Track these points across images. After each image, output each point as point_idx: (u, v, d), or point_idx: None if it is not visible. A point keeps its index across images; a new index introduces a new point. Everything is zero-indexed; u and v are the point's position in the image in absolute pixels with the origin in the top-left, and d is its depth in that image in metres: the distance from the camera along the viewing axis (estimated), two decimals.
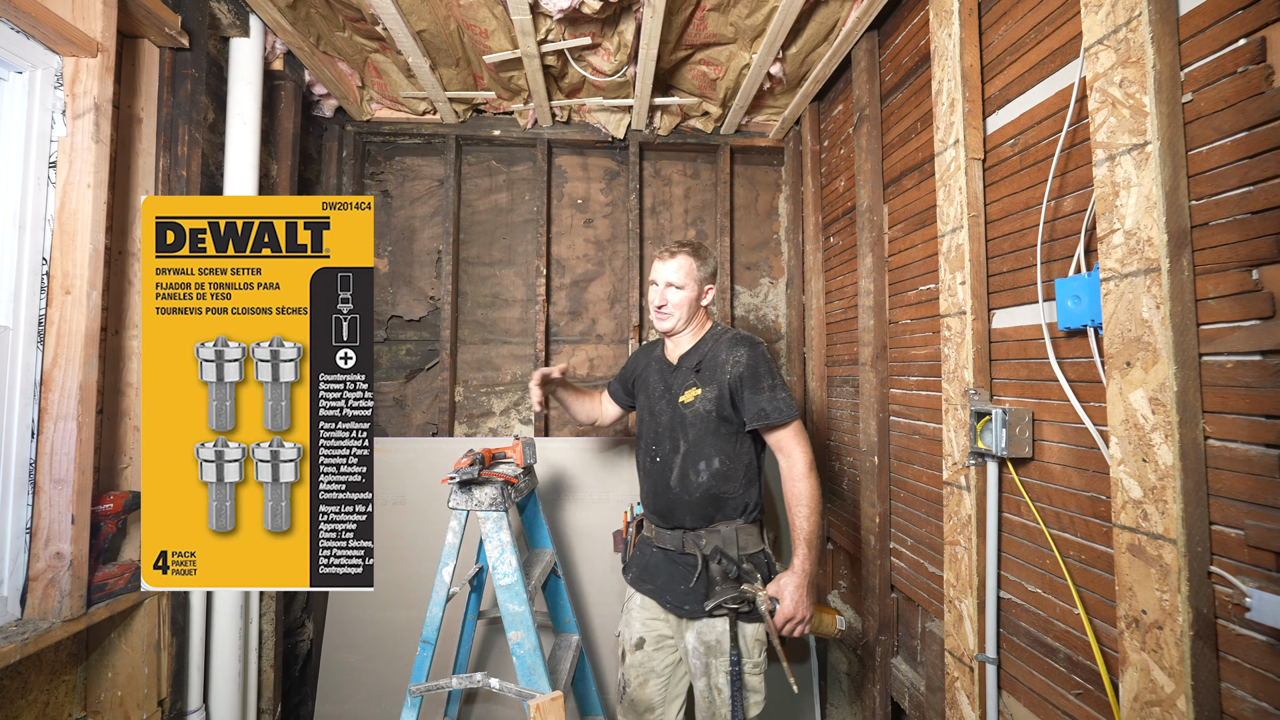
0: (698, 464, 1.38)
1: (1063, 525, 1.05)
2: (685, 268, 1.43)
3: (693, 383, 1.41)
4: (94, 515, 1.17)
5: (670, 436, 1.43)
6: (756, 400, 1.33)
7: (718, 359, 1.40)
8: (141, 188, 1.29)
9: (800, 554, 1.29)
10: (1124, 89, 0.87)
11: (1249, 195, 0.76)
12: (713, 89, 2.06)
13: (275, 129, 1.85)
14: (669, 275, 1.44)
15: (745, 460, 1.40)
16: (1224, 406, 0.79)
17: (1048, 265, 1.07)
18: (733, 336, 1.44)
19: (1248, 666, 0.76)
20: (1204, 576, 0.80)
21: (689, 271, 1.43)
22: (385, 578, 2.03)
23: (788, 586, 1.28)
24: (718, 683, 1.35)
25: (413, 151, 2.35)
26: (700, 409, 1.38)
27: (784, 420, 1.32)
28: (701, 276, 1.45)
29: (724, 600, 1.30)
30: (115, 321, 1.29)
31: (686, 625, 1.39)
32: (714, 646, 1.35)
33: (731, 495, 1.39)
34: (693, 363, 1.44)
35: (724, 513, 1.39)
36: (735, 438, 1.39)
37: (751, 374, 1.35)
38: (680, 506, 1.40)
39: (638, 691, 1.46)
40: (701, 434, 1.38)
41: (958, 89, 1.25)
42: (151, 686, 1.29)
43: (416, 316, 2.32)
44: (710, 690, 1.36)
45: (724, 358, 1.39)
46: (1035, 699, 1.09)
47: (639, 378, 1.60)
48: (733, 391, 1.36)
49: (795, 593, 1.27)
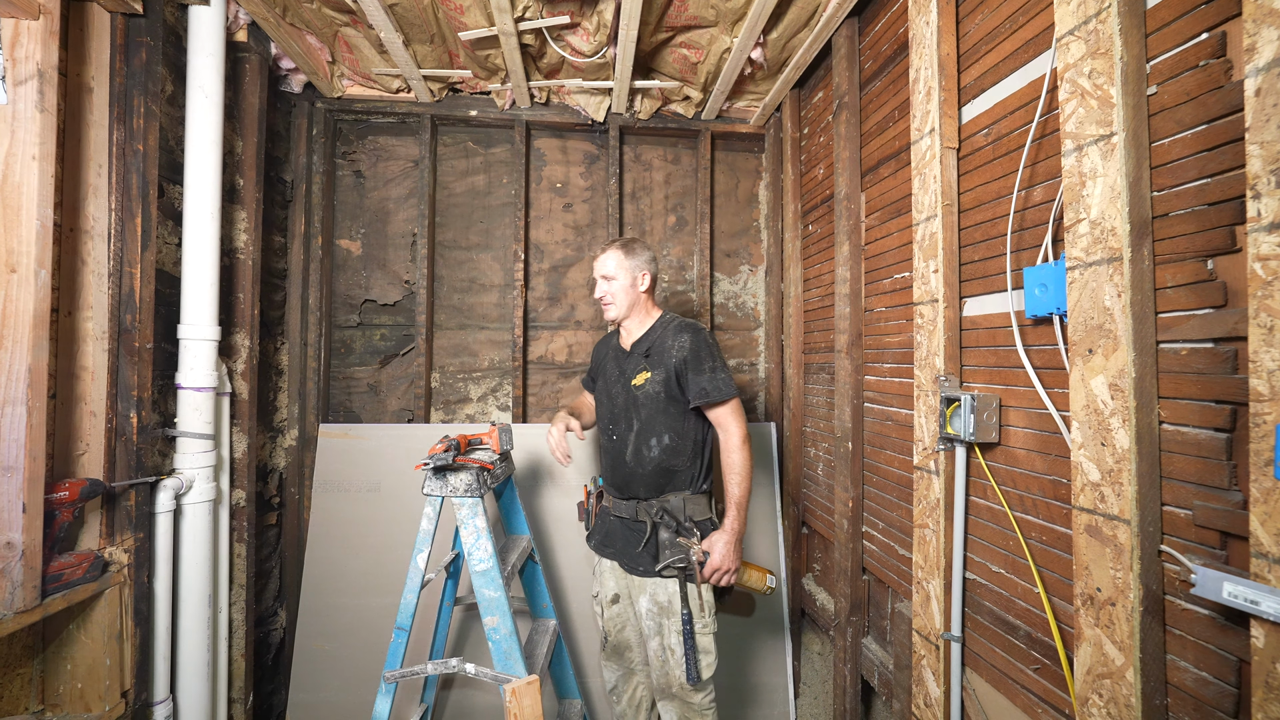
0: (649, 440, 1.52)
1: (1025, 508, 1.08)
2: (615, 259, 1.58)
3: (643, 367, 1.55)
4: (48, 504, 1.13)
5: (625, 416, 1.57)
6: (699, 380, 1.48)
7: (665, 344, 1.54)
8: (94, 161, 1.22)
9: (731, 514, 1.46)
10: (1092, 80, 0.89)
11: (1206, 187, 0.78)
12: (694, 73, 2.03)
13: (240, 104, 1.78)
14: (602, 269, 1.60)
15: (693, 436, 1.54)
16: (1178, 392, 0.82)
17: (1017, 254, 1.09)
18: (678, 324, 1.57)
19: (1191, 639, 0.80)
20: (1155, 555, 0.83)
21: (618, 263, 1.58)
22: (360, 565, 2.01)
23: (718, 541, 1.44)
24: (670, 642, 1.47)
25: (386, 131, 2.28)
26: (650, 390, 1.52)
27: (723, 398, 1.47)
28: (632, 265, 1.58)
29: (673, 560, 1.45)
30: (68, 302, 1.23)
31: (639, 588, 1.53)
32: (666, 607, 1.48)
33: (680, 468, 1.53)
34: (643, 349, 1.58)
35: (674, 484, 1.53)
36: (683, 416, 1.53)
37: (694, 357, 1.49)
38: (635, 479, 1.54)
39: (618, 636, 1.63)
40: (652, 413, 1.52)
41: (934, 77, 1.25)
42: (114, 678, 1.26)
43: (391, 301, 2.27)
44: (664, 650, 1.48)
45: (670, 343, 1.53)
46: (997, 674, 1.13)
47: (600, 366, 1.74)
48: (678, 373, 1.50)
49: (724, 547, 1.44)
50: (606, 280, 1.60)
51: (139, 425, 1.33)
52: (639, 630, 1.60)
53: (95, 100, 1.22)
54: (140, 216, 1.31)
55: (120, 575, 1.28)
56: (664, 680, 1.50)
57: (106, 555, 1.28)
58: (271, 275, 2.04)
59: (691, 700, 1.49)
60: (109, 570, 1.27)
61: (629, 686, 1.67)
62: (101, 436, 1.26)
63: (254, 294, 1.79)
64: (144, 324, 1.34)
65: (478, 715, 1.95)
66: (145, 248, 1.34)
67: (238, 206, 1.77)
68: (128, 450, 1.31)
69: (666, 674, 1.48)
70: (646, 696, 1.65)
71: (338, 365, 2.24)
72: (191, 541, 1.53)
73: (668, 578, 1.47)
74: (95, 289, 1.25)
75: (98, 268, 1.25)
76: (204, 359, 1.53)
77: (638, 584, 1.54)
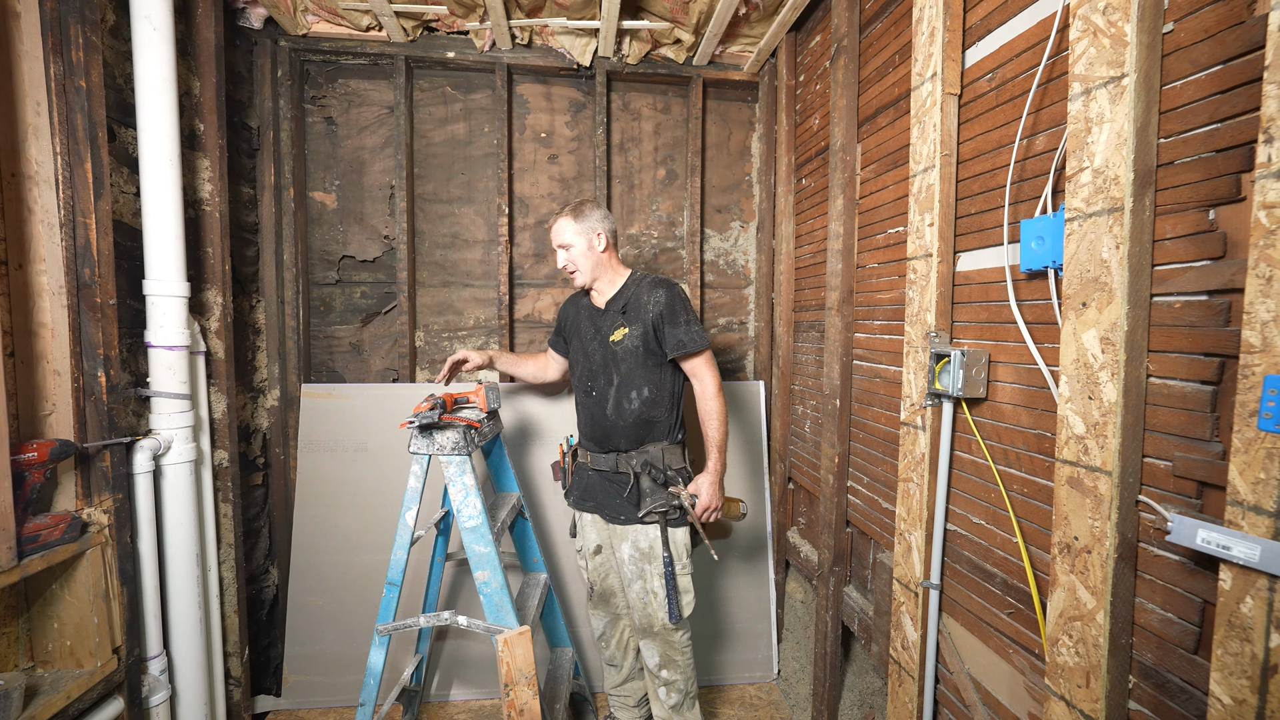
0: (630, 393, 1.58)
1: (1009, 461, 1.09)
2: (566, 228, 1.60)
3: (620, 323, 1.60)
4: (16, 464, 1.09)
5: (604, 372, 1.62)
6: (675, 333, 1.55)
7: (640, 300, 1.59)
8: (30, 98, 1.12)
9: (713, 457, 1.55)
10: (1107, 16, 0.84)
11: (1216, 133, 0.76)
12: (685, 13, 1.92)
13: (194, 39, 1.64)
14: (558, 239, 1.62)
15: (669, 388, 1.61)
16: (1168, 345, 0.81)
17: (1015, 206, 1.07)
18: (652, 280, 1.62)
19: (1160, 583, 0.83)
20: (1132, 505, 0.85)
21: (572, 229, 1.59)
22: (350, 523, 2.01)
23: (704, 483, 1.54)
24: (653, 586, 1.56)
25: (358, 74, 2.14)
26: (629, 345, 1.58)
27: (698, 349, 1.55)
28: (585, 228, 1.60)
29: (655, 506, 1.53)
30: (17, 255, 1.16)
31: (621, 537, 1.60)
32: (648, 552, 1.56)
33: (659, 419, 1.60)
34: (619, 305, 1.62)
35: (652, 435, 1.60)
36: (660, 368, 1.59)
37: (670, 310, 1.55)
38: (616, 432, 1.60)
39: (603, 585, 1.73)
40: (632, 367, 1.58)
41: (939, 16, 1.18)
42: (104, 635, 1.26)
43: (370, 257, 2.19)
44: (646, 593, 1.57)
45: (645, 299, 1.58)
46: (972, 619, 1.18)
47: (570, 325, 1.76)
48: (655, 327, 1.56)
49: (710, 488, 1.54)
50: (564, 249, 1.62)
51: (108, 385, 1.28)
52: (621, 576, 1.68)
53: (24, 27, 1.11)
54: (90, 161, 1.22)
55: (101, 536, 1.27)
56: (646, 621, 1.58)
57: (85, 516, 1.26)
58: (242, 229, 1.95)
59: (672, 638, 1.58)
60: (89, 531, 1.25)
61: (616, 631, 1.75)
62: (69, 396, 1.21)
63: (224, 248, 1.71)
64: (105, 278, 1.27)
65: (472, 664, 2.01)
66: (99, 196, 1.25)
67: (199, 154, 1.66)
68: (98, 410, 1.27)
69: (649, 615, 1.57)
70: (633, 639, 1.73)
71: (318, 324, 2.18)
72: (174, 501, 1.51)
73: (649, 524, 1.56)
74: (47, 240, 1.17)
75: (47, 217, 1.16)
76: (174, 316, 1.47)
77: (620, 532, 1.60)
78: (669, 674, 1.61)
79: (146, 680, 1.43)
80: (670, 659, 1.60)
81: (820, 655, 1.80)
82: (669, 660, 1.60)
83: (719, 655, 2.11)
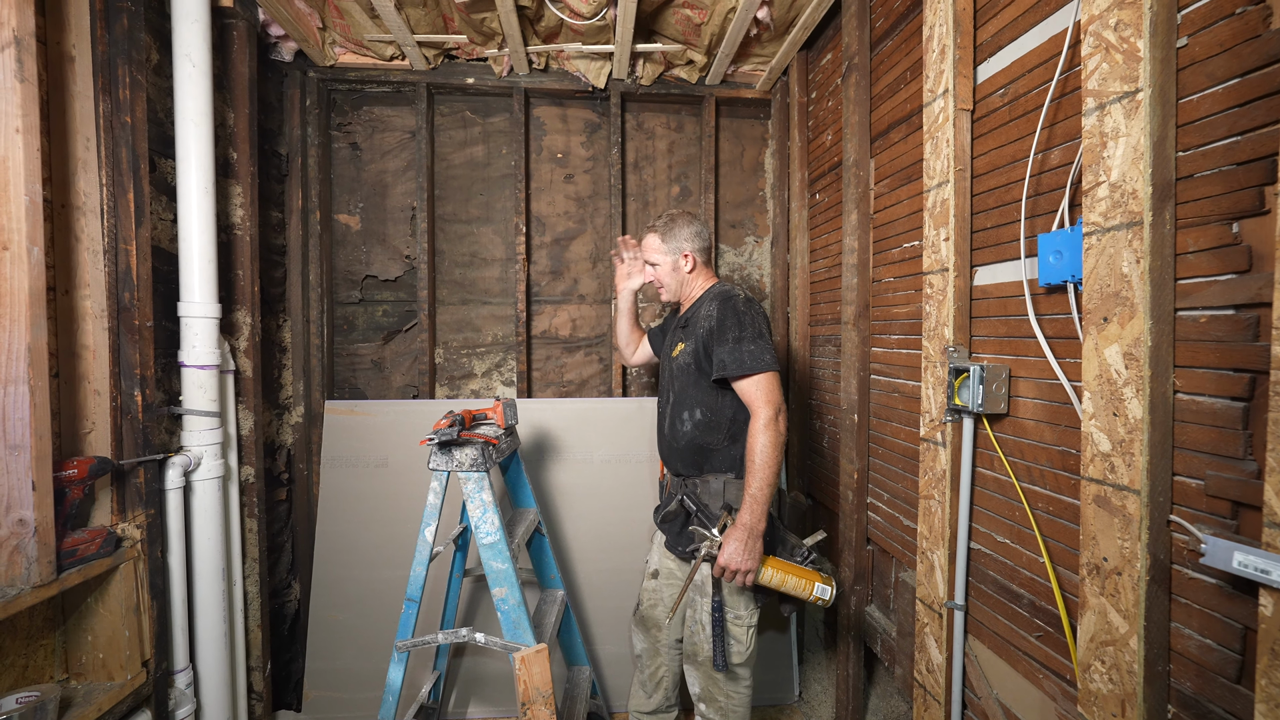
0: (682, 414, 1.48)
1: (1033, 479, 1.07)
2: (653, 245, 1.57)
3: (680, 338, 1.53)
4: (58, 481, 1.14)
5: (667, 388, 1.56)
6: (720, 352, 1.38)
7: (699, 314, 1.49)
8: (81, 134, 1.19)
9: (744, 507, 1.28)
10: (1119, 32, 0.84)
11: (1236, 146, 0.75)
12: (697, 35, 1.96)
13: (229, 73, 1.73)
14: (646, 254, 1.59)
15: (729, 414, 1.43)
16: (1194, 361, 0.79)
17: (1031, 220, 1.06)
18: (715, 292, 1.50)
19: (1196, 607, 0.80)
20: (1163, 525, 0.82)
21: (656, 248, 1.57)
22: (370, 539, 2.04)
23: (729, 538, 1.27)
24: (701, 618, 1.44)
25: (381, 101, 2.22)
26: (683, 362, 1.48)
27: (743, 371, 1.32)
28: (670, 247, 1.56)
29: (696, 546, 1.33)
30: (64, 280, 1.22)
31: (685, 565, 1.52)
32: (700, 586, 1.45)
33: (716, 447, 1.45)
34: (684, 320, 1.56)
35: (711, 464, 1.45)
36: (715, 390, 1.44)
37: (719, 326, 1.39)
38: (673, 454, 1.52)
39: (648, 611, 1.64)
40: (685, 385, 1.48)
41: (949, 34, 1.19)
42: (134, 648, 1.29)
43: (392, 276, 2.24)
44: (695, 623, 1.47)
45: (703, 312, 1.47)
46: (999, 641, 1.14)
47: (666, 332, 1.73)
48: (705, 344, 1.43)
49: (733, 544, 1.26)
50: (650, 267, 1.59)
51: (144, 403, 1.33)
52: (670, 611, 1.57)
53: (77, 70, 1.18)
54: (132, 191, 1.29)
55: (134, 550, 1.31)
56: (692, 648, 1.47)
57: (119, 531, 1.30)
58: (270, 251, 2.02)
59: (716, 676, 1.45)
60: (122, 545, 1.29)
61: (653, 664, 1.64)
62: (107, 414, 1.26)
63: (253, 270, 1.77)
64: (143, 301, 1.33)
65: (489, 681, 2.00)
66: (140, 223, 1.31)
67: (232, 181, 1.74)
68: (134, 428, 1.32)
69: (695, 644, 1.46)
70: (668, 677, 1.63)
71: (341, 342, 2.24)
72: (203, 517, 1.55)
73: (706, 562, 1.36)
74: (91, 266, 1.23)
75: (92, 245, 1.23)
76: (206, 336, 1.53)
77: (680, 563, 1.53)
78: (706, 709, 1.46)
79: (173, 693, 1.46)
80: (711, 696, 1.46)
81: (843, 678, 1.76)
82: (710, 697, 1.46)
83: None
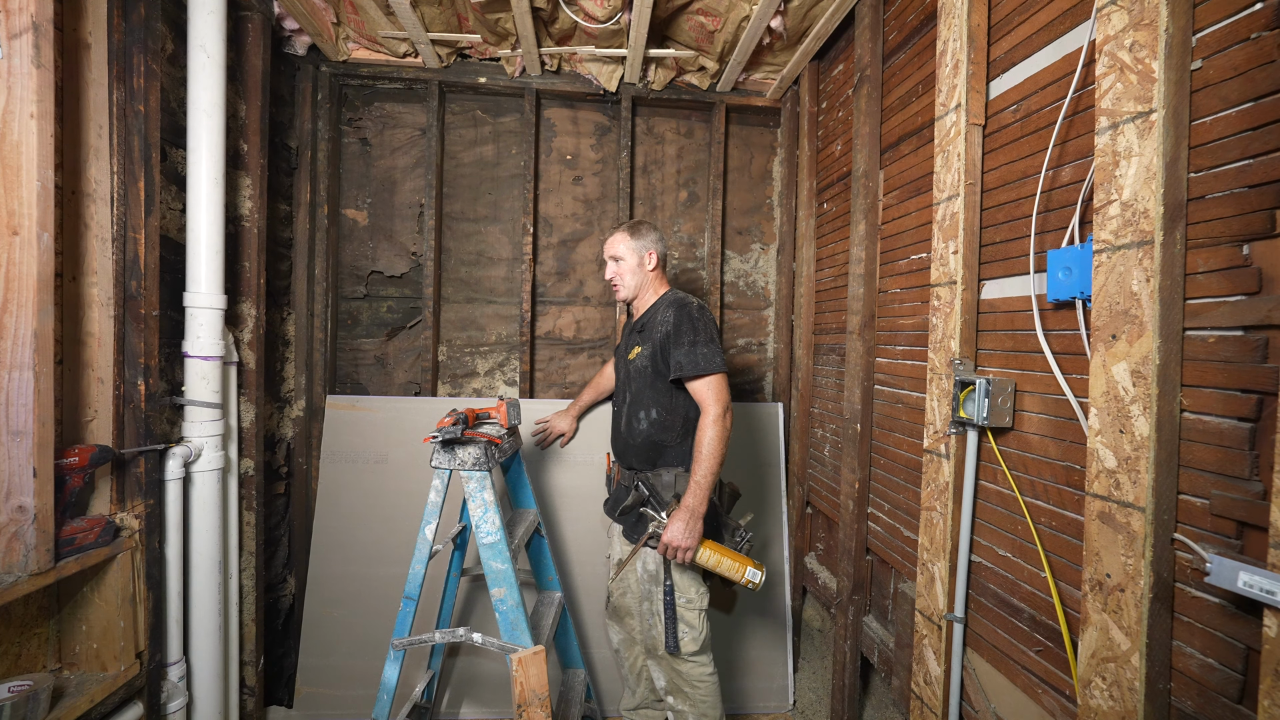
0: (638, 413, 1.57)
1: (1036, 493, 1.07)
2: (621, 241, 1.64)
3: (637, 341, 1.61)
4: (58, 469, 1.13)
5: (623, 389, 1.64)
6: (676, 354, 1.49)
7: (655, 319, 1.58)
8: (94, 122, 1.19)
9: (688, 491, 1.43)
10: (1134, 53, 0.85)
11: (1248, 169, 0.75)
12: (710, 42, 1.97)
13: (243, 65, 1.73)
14: (610, 250, 1.65)
15: (682, 413, 1.55)
16: (1202, 380, 0.80)
17: (1041, 236, 1.06)
18: (670, 299, 1.59)
19: (1199, 626, 0.80)
20: (1168, 543, 0.83)
21: (626, 244, 1.63)
22: (368, 535, 2.03)
23: (674, 518, 1.42)
24: (656, 608, 1.53)
25: (393, 97, 2.22)
26: (639, 364, 1.58)
27: (697, 372, 1.46)
28: (638, 245, 1.63)
29: (650, 531, 1.45)
30: (72, 267, 1.22)
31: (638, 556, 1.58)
32: (654, 574, 1.54)
33: (670, 444, 1.55)
34: (640, 324, 1.64)
35: (665, 459, 1.56)
36: (670, 391, 1.55)
37: (676, 330, 1.50)
38: (629, 450, 1.60)
39: (619, 600, 1.74)
40: (641, 386, 1.57)
41: (963, 50, 1.20)
42: (128, 639, 1.28)
43: (398, 273, 2.24)
44: (652, 615, 1.55)
45: (659, 318, 1.56)
46: (998, 655, 1.15)
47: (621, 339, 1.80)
48: (662, 348, 1.53)
49: (678, 524, 1.40)
50: (615, 261, 1.65)
51: (147, 393, 1.33)
52: (638, 598, 1.66)
53: (93, 58, 1.18)
54: (143, 180, 1.29)
55: (132, 540, 1.30)
56: (651, 642, 1.57)
57: (118, 521, 1.30)
58: (277, 244, 2.02)
59: (679, 667, 1.54)
60: (120, 535, 1.28)
61: (630, 654, 1.73)
62: (109, 403, 1.26)
63: (260, 263, 1.77)
64: (149, 290, 1.33)
65: (482, 681, 1.99)
66: (149, 212, 1.31)
67: (242, 173, 1.74)
68: (136, 417, 1.31)
69: (653, 637, 1.55)
70: (646, 665, 1.70)
71: (344, 337, 2.23)
72: (201, 508, 1.54)
73: (651, 547, 1.50)
74: (99, 254, 1.23)
75: (101, 232, 1.23)
76: (210, 327, 1.52)
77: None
78: (675, 702, 1.56)
79: (166, 686, 1.45)
80: (677, 687, 1.55)
81: (838, 687, 1.75)
82: (676, 688, 1.56)
83: (732, 682, 2.06)
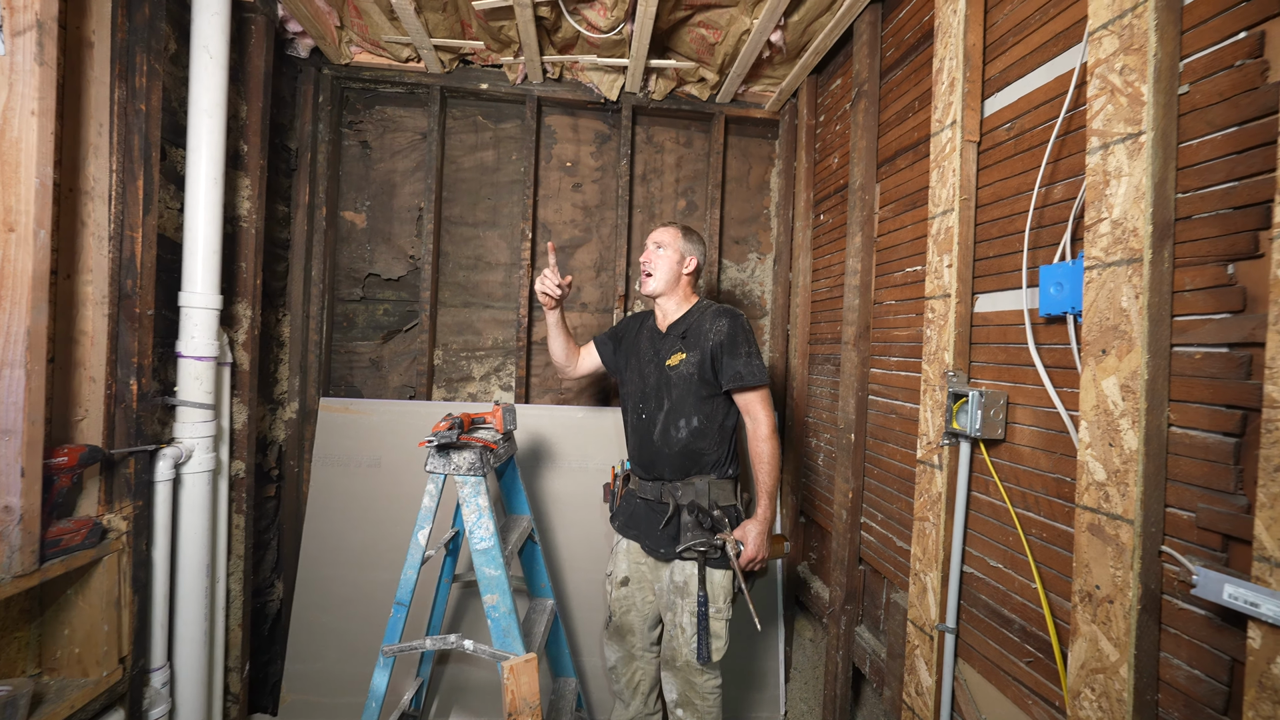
0: (678, 421, 1.54)
1: (1028, 505, 1.09)
2: (670, 233, 1.64)
3: (679, 348, 1.57)
4: (47, 469, 1.11)
5: (656, 396, 1.58)
6: (734, 364, 1.50)
7: (702, 328, 1.55)
8: (95, 120, 1.19)
9: (762, 504, 1.50)
10: (1124, 77, 0.87)
11: (1233, 190, 0.78)
12: (711, 54, 1.99)
13: (245, 66, 1.73)
14: (655, 237, 1.64)
15: (720, 421, 1.55)
16: (1189, 395, 0.82)
17: (1033, 252, 1.09)
18: (716, 309, 1.58)
19: (1186, 638, 0.81)
20: (1155, 555, 0.84)
21: (674, 237, 1.63)
22: (359, 540, 2.01)
23: (751, 531, 1.47)
24: (681, 621, 1.50)
25: (394, 101, 2.23)
26: (684, 371, 1.54)
27: (755, 384, 1.50)
28: (684, 246, 1.63)
29: (693, 544, 1.46)
30: (67, 265, 1.21)
31: (662, 567, 1.57)
32: (682, 587, 1.51)
33: (707, 452, 1.54)
34: (680, 330, 1.60)
35: (699, 467, 1.54)
36: (713, 400, 1.54)
37: (731, 341, 1.51)
38: (661, 459, 1.56)
39: (621, 619, 1.68)
40: (683, 394, 1.54)
41: (959, 68, 1.23)
42: (111, 644, 1.26)
43: (395, 276, 2.24)
44: (675, 626, 1.52)
45: (708, 327, 1.54)
46: (989, 666, 1.15)
47: (629, 341, 1.74)
48: (714, 357, 1.51)
49: (758, 537, 1.47)
50: (658, 247, 1.62)
51: (139, 393, 1.32)
52: (644, 616, 1.65)
53: (96, 56, 1.18)
54: (142, 179, 1.28)
55: (119, 542, 1.28)
56: (670, 653, 1.54)
57: (105, 522, 1.28)
58: (274, 245, 2.01)
59: (694, 679, 1.52)
60: (107, 537, 1.26)
61: (629, 670, 1.70)
62: (101, 403, 1.24)
63: (256, 264, 1.76)
64: (145, 290, 1.32)
65: (472, 689, 1.97)
66: (147, 211, 1.31)
67: (241, 173, 1.74)
68: (127, 417, 1.30)
69: (673, 648, 1.53)
70: (645, 681, 1.68)
71: (340, 339, 2.22)
72: (190, 511, 1.52)
73: (687, 559, 1.49)
74: (95, 252, 1.22)
75: (98, 230, 1.22)
76: (205, 328, 1.51)
77: (658, 566, 1.58)
78: (684, 714, 1.54)
79: (148, 692, 1.42)
80: (689, 700, 1.53)
81: (829, 697, 1.75)
82: (687, 700, 1.54)
83: (725, 692, 2.05)
